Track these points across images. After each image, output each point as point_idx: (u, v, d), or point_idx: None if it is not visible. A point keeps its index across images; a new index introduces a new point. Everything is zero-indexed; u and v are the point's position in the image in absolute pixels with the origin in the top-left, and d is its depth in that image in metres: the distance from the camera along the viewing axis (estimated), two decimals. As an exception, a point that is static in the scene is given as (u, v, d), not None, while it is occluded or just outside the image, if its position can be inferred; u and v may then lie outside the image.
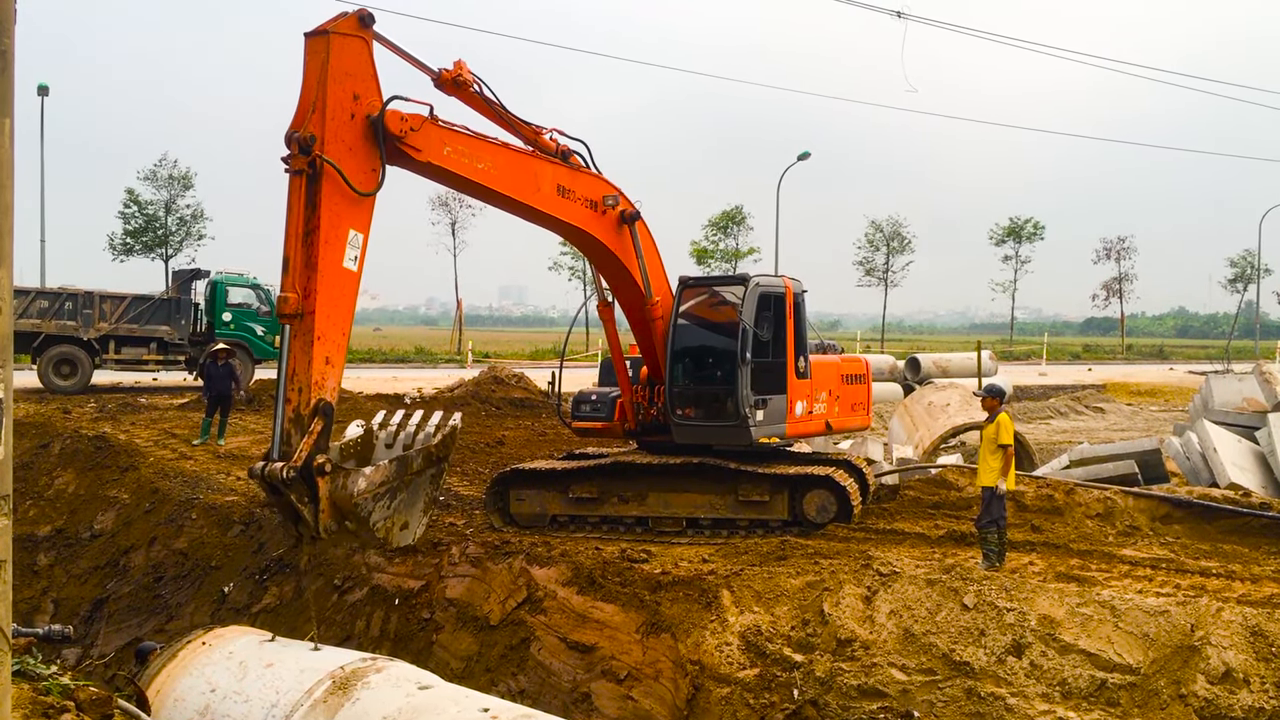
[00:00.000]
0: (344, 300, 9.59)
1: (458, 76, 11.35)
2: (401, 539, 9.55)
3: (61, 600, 15.37)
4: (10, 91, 3.56)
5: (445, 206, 64.39)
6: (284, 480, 8.81)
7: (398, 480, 9.47)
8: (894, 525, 13.48)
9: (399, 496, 9.45)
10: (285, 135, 9.38)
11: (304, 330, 9.25)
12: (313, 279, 9.27)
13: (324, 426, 9.10)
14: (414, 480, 9.61)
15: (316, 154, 9.28)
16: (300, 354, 9.23)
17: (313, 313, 9.22)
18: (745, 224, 67.82)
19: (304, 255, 9.34)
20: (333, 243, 9.42)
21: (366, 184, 9.77)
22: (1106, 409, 34.64)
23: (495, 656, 11.25)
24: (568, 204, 12.15)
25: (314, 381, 9.16)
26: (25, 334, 26.33)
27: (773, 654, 10.00)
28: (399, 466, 9.48)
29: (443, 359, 53.44)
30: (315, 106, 9.46)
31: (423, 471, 9.69)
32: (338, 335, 9.48)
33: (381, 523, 9.31)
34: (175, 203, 53.20)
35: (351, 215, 9.62)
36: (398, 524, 9.48)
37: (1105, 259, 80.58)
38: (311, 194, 9.37)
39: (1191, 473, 16.72)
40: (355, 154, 9.71)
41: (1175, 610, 9.34)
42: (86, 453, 18.18)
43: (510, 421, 24.22)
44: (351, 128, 9.71)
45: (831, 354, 15.67)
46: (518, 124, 11.98)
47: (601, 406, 14.34)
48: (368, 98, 9.86)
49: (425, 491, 9.77)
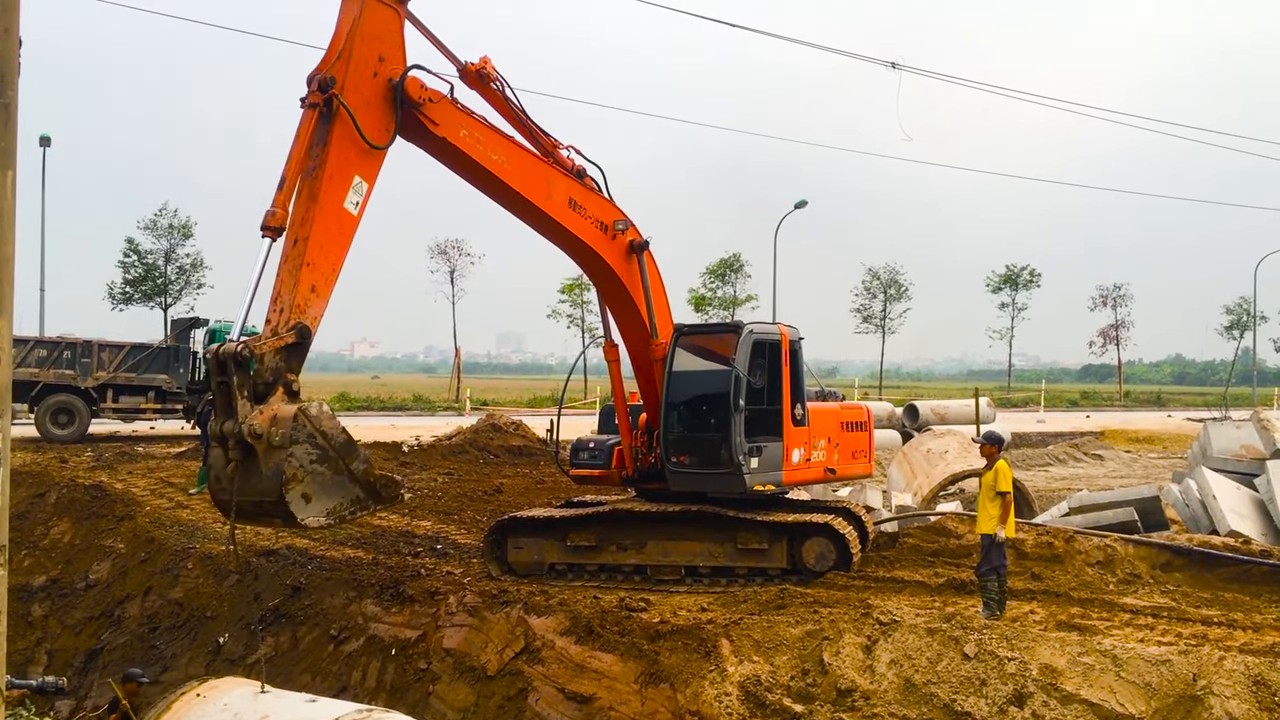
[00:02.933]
0: (339, 237, 9.71)
1: (482, 70, 11.55)
2: (296, 505, 8.88)
3: (56, 651, 15.25)
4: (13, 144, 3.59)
5: (444, 255, 64.63)
6: (236, 356, 8.76)
7: (337, 455, 9.12)
8: (893, 573, 13.41)
9: (326, 465, 9.04)
10: (308, 76, 9.69)
11: (294, 255, 9.36)
12: (312, 209, 9.45)
13: (297, 343, 9.11)
14: (345, 475, 9.23)
15: (334, 93, 9.55)
16: (287, 277, 9.33)
17: (306, 239, 9.34)
18: (743, 271, 68.05)
19: (307, 188, 9.56)
20: (337, 180, 9.65)
21: (378, 139, 10.06)
22: (1105, 456, 34.61)
23: (493, 707, 11.15)
24: (578, 218, 12.21)
25: (296, 304, 9.21)
26: (23, 383, 26.30)
27: (772, 704, 9.91)
28: (346, 446, 9.18)
29: (441, 407, 53.40)
30: (341, 55, 9.77)
31: (355, 479, 9.31)
32: (327, 268, 9.56)
33: (295, 469, 8.82)
34: (175, 252, 53.36)
35: (359, 162, 9.89)
36: (303, 487, 8.93)
37: (1102, 306, 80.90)
38: (322, 131, 9.62)
39: (1191, 520, 16.66)
40: (371, 109, 10.00)
41: (1177, 659, 9.27)
42: (83, 502, 18.12)
43: (508, 469, 24.16)
44: (373, 85, 10.04)
45: (832, 401, 15.67)
46: (537, 132, 12.07)
47: (600, 454, 14.31)
48: (392, 63, 10.20)
49: (345, 494, 9.28)
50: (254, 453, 8.78)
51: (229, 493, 8.89)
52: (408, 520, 17.76)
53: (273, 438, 8.74)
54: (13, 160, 3.59)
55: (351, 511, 9.38)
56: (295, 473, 8.80)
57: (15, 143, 3.61)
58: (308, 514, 8.91)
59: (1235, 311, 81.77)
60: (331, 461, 9.08)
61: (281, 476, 8.72)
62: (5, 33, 3.59)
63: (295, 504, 8.79)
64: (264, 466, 8.79)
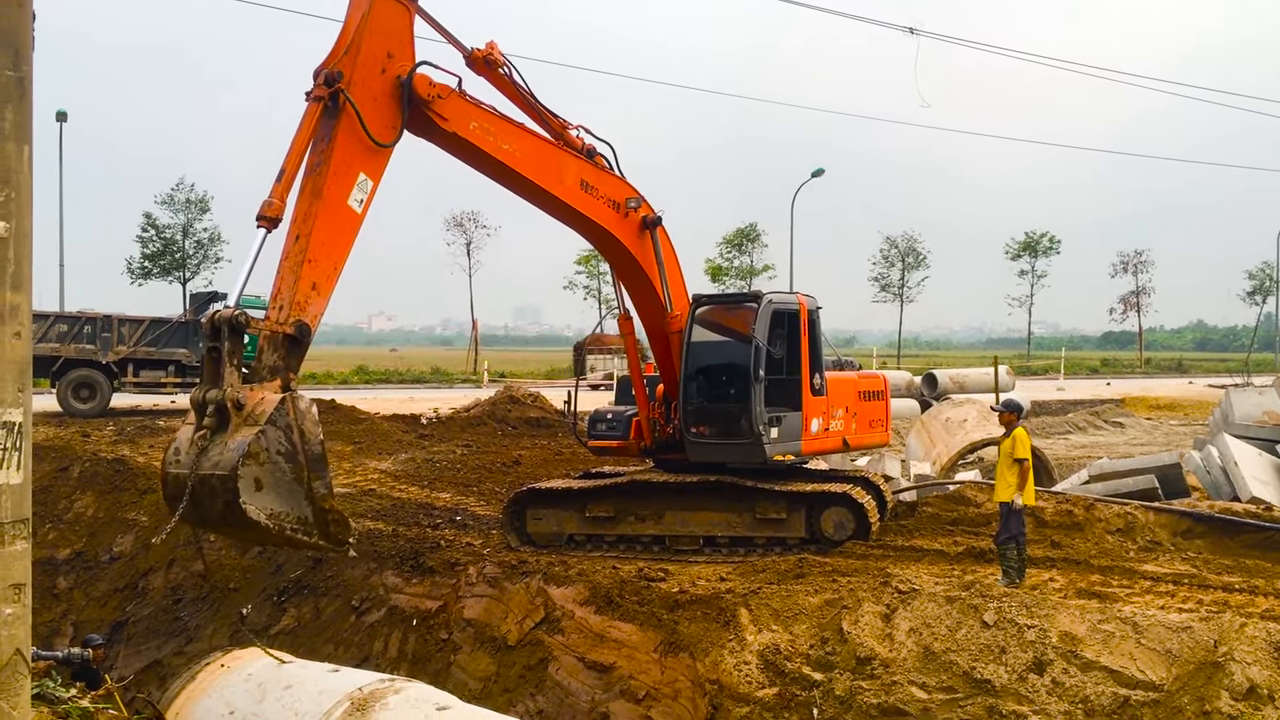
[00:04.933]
0: (342, 235, 9.60)
1: (489, 56, 11.48)
2: (245, 485, 8.21)
3: (81, 623, 15.42)
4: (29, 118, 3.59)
5: (460, 227, 64.71)
6: (231, 322, 8.61)
7: (304, 461, 8.58)
8: (912, 542, 13.41)
9: (289, 464, 8.52)
10: (314, 70, 9.60)
11: (296, 251, 9.22)
12: (315, 205, 9.32)
13: (296, 339, 8.97)
14: (303, 488, 8.63)
15: (340, 88, 9.43)
16: (288, 274, 9.20)
17: (309, 235, 9.21)
18: (760, 241, 67.87)
19: (310, 184, 9.43)
20: (340, 177, 9.51)
21: (384, 136, 9.94)
22: (1125, 424, 34.45)
23: (513, 677, 11.23)
24: (590, 200, 12.16)
25: (297, 301, 9.10)
26: (44, 358, 26.43)
27: (791, 673, 9.94)
28: (317, 459, 8.68)
29: (459, 379, 53.53)
30: (349, 50, 9.66)
31: (311, 499, 8.69)
32: (329, 267, 9.43)
33: (260, 449, 8.29)
34: (192, 226, 53.57)
35: (364, 159, 9.76)
36: (259, 471, 8.34)
37: (1122, 273, 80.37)
38: (327, 126, 9.49)
39: (1212, 487, 16.59)
40: (378, 106, 9.89)
41: (1198, 626, 9.25)
42: (105, 476, 18.26)
43: (526, 441, 24.21)
44: (381, 81, 9.92)
45: (849, 371, 15.64)
46: (545, 114, 12.01)
47: (617, 425, 14.33)
48: (401, 59, 10.07)
49: (295, 506, 8.62)
50: (227, 425, 8.39)
51: (186, 466, 8.35)
52: (427, 492, 17.85)
53: (252, 412, 8.41)
54: (29, 135, 3.59)
55: (292, 529, 8.63)
56: (258, 452, 8.30)
57: (31, 117, 3.60)
58: (253, 501, 8.28)
59: (1258, 277, 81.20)
60: (297, 464, 8.55)
61: (244, 449, 8.23)
62: (19, 6, 3.58)
63: (245, 484, 8.21)
64: (229, 439, 8.35)
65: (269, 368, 8.90)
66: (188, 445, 8.52)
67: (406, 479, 18.81)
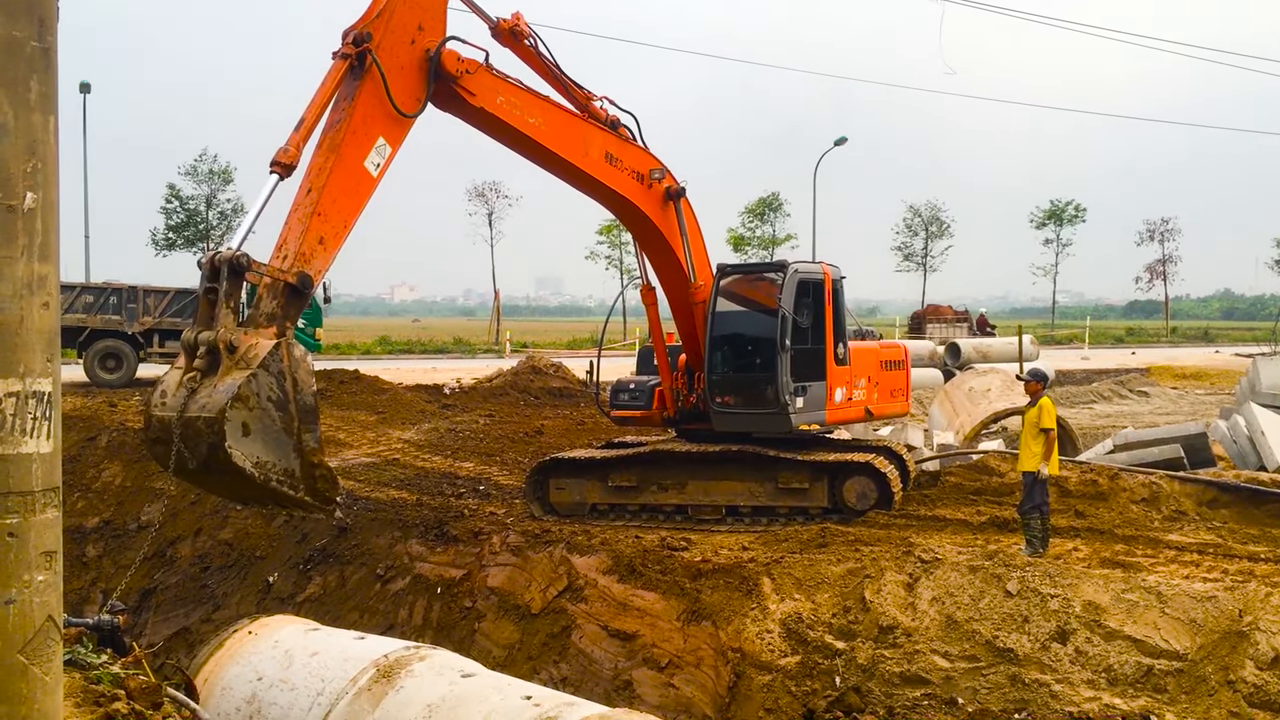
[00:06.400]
0: (355, 195, 9.53)
1: (515, 27, 11.45)
2: (232, 428, 7.93)
3: (110, 591, 15.61)
4: (54, 89, 3.59)
5: (482, 197, 64.68)
6: (232, 263, 8.31)
7: (295, 411, 8.33)
8: (935, 512, 13.40)
9: (279, 412, 8.25)
10: (343, 30, 9.55)
11: (307, 204, 9.13)
12: (331, 159, 9.26)
13: (297, 289, 8.78)
14: (292, 439, 8.38)
15: (368, 48, 9.38)
16: (296, 224, 9.09)
17: (322, 189, 9.15)
18: (782, 210, 67.55)
19: (328, 139, 9.38)
20: (359, 137, 9.46)
21: (407, 106, 9.88)
22: (1151, 393, 34.19)
23: (537, 644, 11.31)
24: (615, 172, 12.15)
25: (301, 252, 8.96)
26: (71, 329, 26.63)
27: (814, 641, 9.98)
28: (308, 410, 8.42)
29: (481, 349, 53.66)
30: (382, 15, 9.63)
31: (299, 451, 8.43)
32: (339, 223, 9.35)
33: (250, 393, 8.03)
34: (216, 197, 53.78)
35: (385, 124, 9.70)
36: (248, 416, 8.07)
37: (1149, 241, 79.63)
38: (350, 86, 9.43)
39: (1239, 456, 16.48)
40: (405, 75, 9.86)
41: (1223, 595, 9.22)
42: (133, 445, 18.42)
43: (549, 411, 24.29)
44: (410, 52, 9.89)
45: (870, 340, 15.60)
46: (571, 86, 11.99)
47: (640, 395, 14.35)
48: (431, 32, 10.03)
49: (282, 457, 8.34)
50: (217, 368, 8.18)
51: (172, 409, 8.10)
52: (450, 462, 17.94)
53: (245, 354, 8.17)
54: (54, 105, 3.59)
55: (279, 480, 8.38)
56: (248, 395, 8.03)
57: (56, 88, 3.60)
58: (239, 446, 8.00)
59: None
60: (287, 414, 8.32)
61: (233, 392, 7.97)
62: (42, -23, 3.58)
63: (232, 426, 7.93)
64: (219, 381, 8.11)
65: (266, 314, 8.69)
66: (175, 387, 8.25)
67: (430, 449, 18.91)
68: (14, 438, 3.53)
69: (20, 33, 3.46)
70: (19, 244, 3.49)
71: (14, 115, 3.46)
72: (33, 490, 3.59)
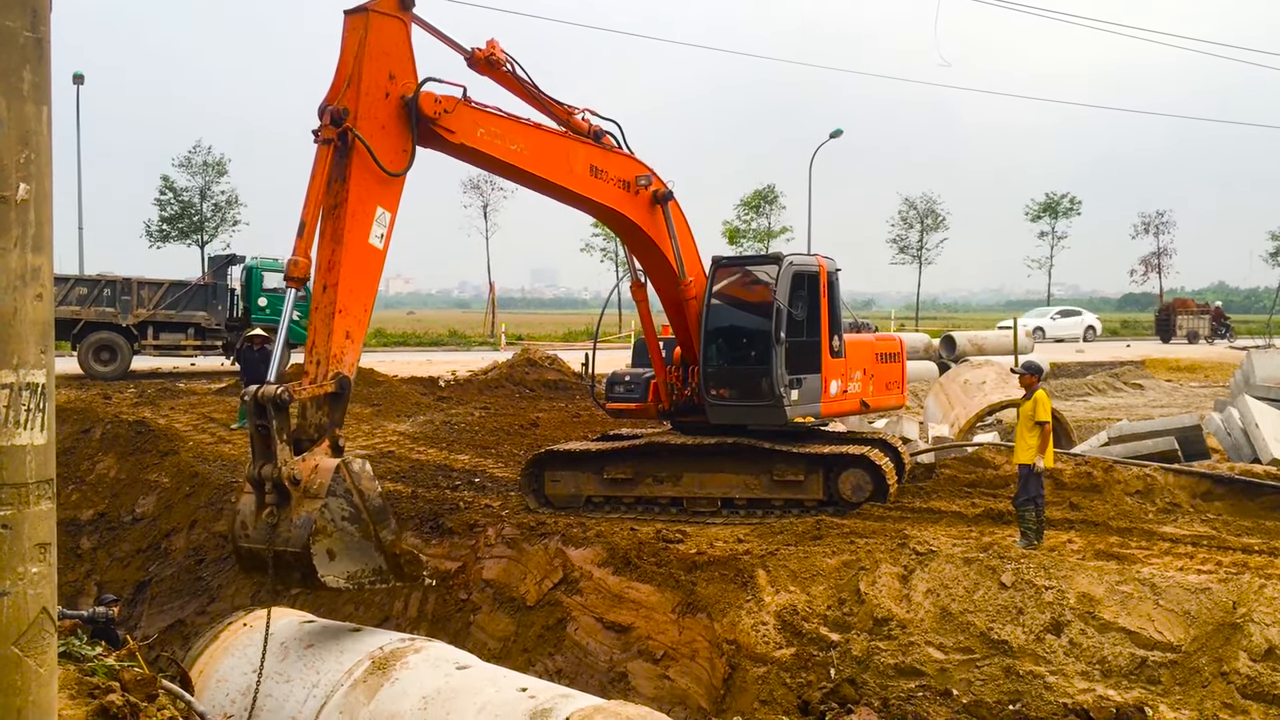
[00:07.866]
0: (368, 276, 9.52)
1: (490, 55, 11.36)
2: (320, 559, 8.26)
3: (104, 583, 15.59)
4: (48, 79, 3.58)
5: (476, 189, 64.39)
6: (275, 400, 8.33)
7: (369, 518, 8.63)
8: (930, 504, 13.42)
9: (356, 525, 8.54)
10: (319, 108, 9.41)
11: (326, 303, 9.16)
12: (337, 252, 9.22)
13: (337, 393, 8.93)
14: (373, 542, 8.66)
15: (348, 127, 9.28)
16: (321, 326, 9.15)
17: (336, 285, 9.15)
18: (777, 203, 67.43)
19: (330, 228, 9.31)
20: (359, 217, 9.37)
21: (396, 164, 9.77)
22: (1145, 385, 34.28)
23: (532, 637, 11.32)
24: (600, 184, 12.14)
25: (333, 355, 9.06)
26: (65, 321, 26.59)
27: (809, 633, 10.00)
28: (380, 511, 8.70)
29: (476, 342, 53.59)
30: (350, 81, 9.49)
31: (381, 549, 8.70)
32: (360, 311, 9.40)
33: (326, 522, 8.30)
34: (210, 189, 53.54)
35: (380, 193, 9.60)
36: (330, 542, 8.37)
37: (1144, 234, 79.44)
38: (339, 167, 9.34)
39: (1233, 449, 16.52)
40: (387, 132, 9.73)
41: (1217, 588, 9.25)
42: (127, 438, 18.40)
43: (544, 403, 24.27)
44: (385, 106, 9.75)
45: (865, 333, 15.61)
46: (550, 104, 11.98)
47: (635, 388, 14.35)
48: (403, 78, 9.87)
49: (369, 561, 8.63)
50: (288, 500, 8.43)
51: (259, 541, 8.44)
52: (445, 454, 17.93)
53: (310, 485, 8.43)
54: (47, 96, 3.58)
55: (371, 582, 8.79)
56: (325, 525, 8.34)
57: (49, 78, 3.59)
58: (329, 571, 8.35)
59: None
60: (362, 524, 8.62)
61: (311, 526, 8.26)
62: (35, -34, 3.57)
63: (319, 558, 8.27)
64: (294, 514, 8.40)
65: (315, 426, 8.85)
66: (253, 519, 8.53)
67: (425, 441, 18.90)
68: (8, 429, 3.52)
69: (13, 23, 3.45)
70: (12, 235, 3.49)
71: (7, 106, 3.45)
72: (27, 482, 3.59)
